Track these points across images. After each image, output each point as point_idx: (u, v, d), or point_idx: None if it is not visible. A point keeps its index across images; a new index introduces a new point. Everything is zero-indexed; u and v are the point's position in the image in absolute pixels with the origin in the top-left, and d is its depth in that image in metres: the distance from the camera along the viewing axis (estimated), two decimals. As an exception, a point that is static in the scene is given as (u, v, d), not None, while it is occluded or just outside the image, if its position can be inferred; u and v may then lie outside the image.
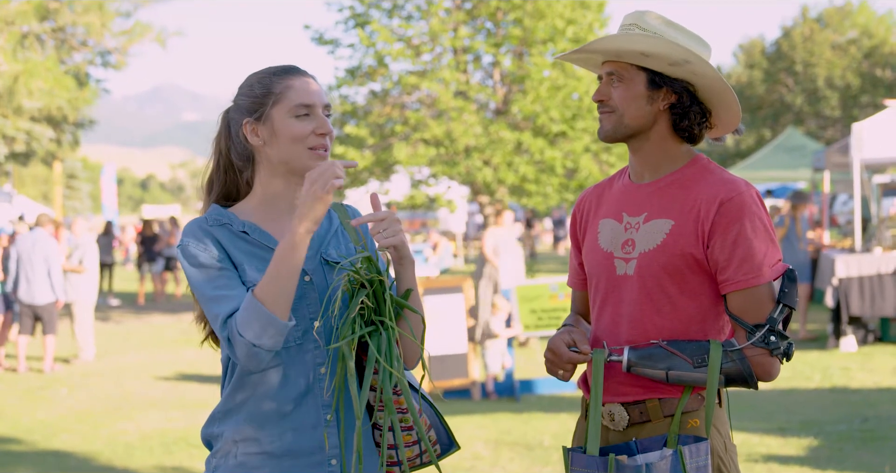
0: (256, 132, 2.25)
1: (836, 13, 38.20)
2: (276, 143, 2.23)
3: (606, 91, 2.45)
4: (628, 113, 2.42)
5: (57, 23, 23.83)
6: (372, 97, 17.43)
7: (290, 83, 2.25)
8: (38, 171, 45.50)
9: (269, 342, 2.09)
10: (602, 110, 2.46)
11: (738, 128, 2.53)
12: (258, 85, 2.26)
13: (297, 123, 2.23)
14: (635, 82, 2.42)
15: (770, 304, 2.33)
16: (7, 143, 22.91)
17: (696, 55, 2.35)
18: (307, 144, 2.23)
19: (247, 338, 2.07)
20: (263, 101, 2.24)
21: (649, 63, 2.39)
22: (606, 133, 2.47)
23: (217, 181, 2.35)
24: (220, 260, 2.19)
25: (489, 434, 7.36)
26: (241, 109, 2.28)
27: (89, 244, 12.42)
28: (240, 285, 2.18)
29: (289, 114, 2.22)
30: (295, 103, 2.22)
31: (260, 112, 2.24)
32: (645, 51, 2.36)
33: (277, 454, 2.18)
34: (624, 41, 2.37)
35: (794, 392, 8.60)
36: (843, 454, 6.37)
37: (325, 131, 2.24)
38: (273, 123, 2.23)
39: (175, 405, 9.07)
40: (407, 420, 2.23)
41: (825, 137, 36.17)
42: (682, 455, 2.24)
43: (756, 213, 2.34)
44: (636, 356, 2.34)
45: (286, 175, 2.27)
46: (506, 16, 16.72)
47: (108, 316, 17.88)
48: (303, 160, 2.23)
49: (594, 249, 2.53)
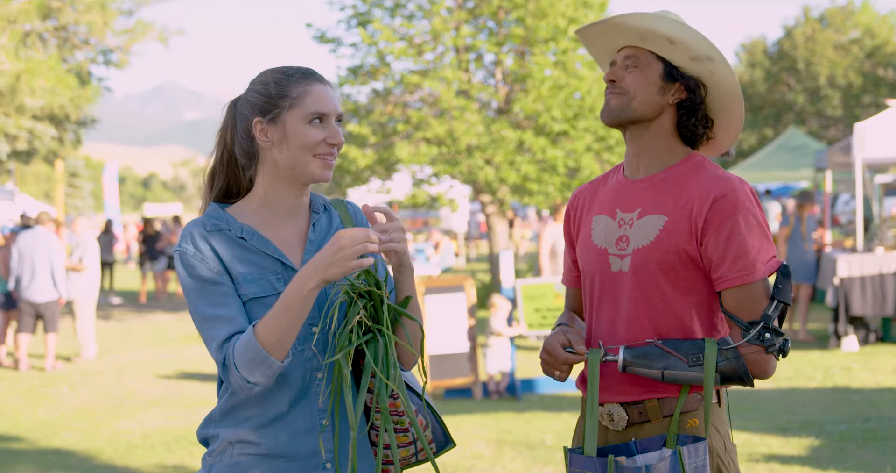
0: (266, 133, 2.22)
1: (839, 13, 38.17)
2: (286, 147, 2.21)
3: (620, 73, 2.43)
4: (638, 98, 2.40)
5: (59, 21, 23.83)
6: (374, 96, 17.42)
7: (309, 89, 2.22)
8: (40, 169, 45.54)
9: (262, 380, 2.11)
10: (612, 90, 2.43)
11: (728, 150, 2.53)
12: (274, 85, 2.22)
13: (311, 130, 2.20)
14: (652, 71, 2.40)
15: (765, 300, 2.32)
16: (9, 141, 22.91)
17: (720, 54, 2.34)
18: (315, 152, 2.21)
19: (242, 374, 2.10)
20: (279, 103, 2.21)
21: (671, 53, 2.37)
22: (612, 112, 2.43)
23: (219, 175, 2.32)
24: (217, 273, 2.17)
25: (490, 434, 7.36)
26: (252, 106, 2.24)
27: (90, 243, 12.43)
28: (234, 302, 2.17)
29: (303, 120, 2.20)
30: (311, 110, 2.20)
31: (274, 114, 2.21)
32: (673, 37, 2.34)
33: (273, 455, 2.19)
34: (655, 21, 2.34)
35: (795, 392, 8.60)
36: (845, 454, 6.37)
37: (337, 142, 2.23)
38: (286, 127, 2.20)
39: (176, 403, 9.08)
40: (403, 422, 2.24)
41: (827, 137, 36.15)
42: (681, 456, 2.24)
43: (750, 209, 2.33)
44: (631, 356, 2.34)
45: (289, 180, 2.24)
46: (508, 15, 16.71)
47: (110, 314, 17.90)
48: (309, 168, 2.21)
49: (588, 246, 2.51)
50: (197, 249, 2.18)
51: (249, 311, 2.18)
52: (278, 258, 2.22)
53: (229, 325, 2.14)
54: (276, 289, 2.19)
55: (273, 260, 2.22)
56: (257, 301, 2.18)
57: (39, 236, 11.38)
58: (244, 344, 2.09)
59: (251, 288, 2.18)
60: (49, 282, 11.24)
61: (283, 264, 2.22)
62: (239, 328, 2.14)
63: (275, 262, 2.22)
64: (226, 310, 2.15)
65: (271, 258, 2.22)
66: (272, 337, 2.09)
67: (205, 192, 2.36)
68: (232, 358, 2.11)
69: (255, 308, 2.18)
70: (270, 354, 2.09)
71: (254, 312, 2.18)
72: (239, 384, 2.12)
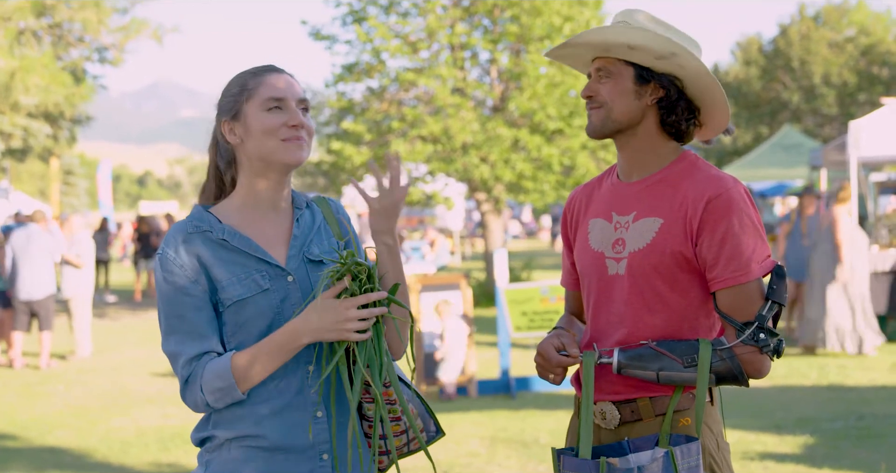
0: (234, 131, 2.27)
1: (834, 11, 38.23)
2: (251, 138, 2.24)
3: (595, 87, 2.44)
4: (616, 108, 2.41)
5: (54, 19, 23.79)
6: (369, 94, 17.41)
7: (263, 79, 2.26)
8: (35, 167, 45.47)
9: (220, 406, 2.19)
10: (591, 106, 2.45)
11: (728, 128, 2.52)
12: (234, 84, 2.29)
13: (269, 116, 2.23)
14: (623, 77, 2.41)
15: (759, 301, 2.32)
16: (4, 139, 22.87)
17: (682, 47, 2.34)
18: (279, 137, 2.23)
19: (206, 397, 2.16)
20: (238, 98, 2.26)
21: (636, 57, 2.38)
22: (594, 128, 2.45)
23: (209, 187, 2.36)
24: (195, 282, 2.19)
25: (485, 432, 7.36)
26: (220, 110, 2.30)
27: (85, 241, 12.40)
28: (205, 317, 2.19)
29: (260, 108, 2.23)
30: (265, 97, 2.23)
31: (235, 110, 2.26)
32: (631, 43, 2.35)
33: (270, 448, 2.20)
34: (610, 33, 2.36)
35: (790, 390, 8.61)
36: (839, 451, 6.38)
37: (297, 123, 2.24)
38: (246, 119, 2.24)
39: (172, 401, 9.07)
40: (395, 410, 2.26)
41: (822, 135, 36.20)
42: (673, 457, 2.24)
43: (744, 209, 2.33)
44: (626, 358, 2.34)
45: (266, 173, 2.27)
46: (503, 13, 16.70)
47: (105, 312, 17.87)
48: (277, 153, 2.23)
49: (585, 249, 2.52)
50: (177, 254, 2.21)
51: (235, 313, 2.20)
52: (261, 257, 2.23)
53: (199, 342, 2.18)
54: (261, 287, 2.21)
55: (256, 259, 2.23)
56: (243, 302, 2.20)
57: (32, 234, 11.36)
58: (217, 373, 2.15)
59: (235, 290, 2.20)
60: (43, 280, 11.22)
61: (267, 262, 2.23)
62: (209, 347, 2.18)
63: (258, 260, 2.23)
64: (196, 325, 2.18)
65: (252, 257, 2.23)
66: (247, 375, 2.15)
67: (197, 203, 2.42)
68: (199, 379, 2.16)
69: (241, 309, 2.20)
70: (239, 387, 2.16)
71: (239, 313, 2.20)
72: (195, 404, 2.19)
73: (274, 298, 2.21)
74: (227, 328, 2.21)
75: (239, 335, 2.21)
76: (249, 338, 2.19)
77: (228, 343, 2.21)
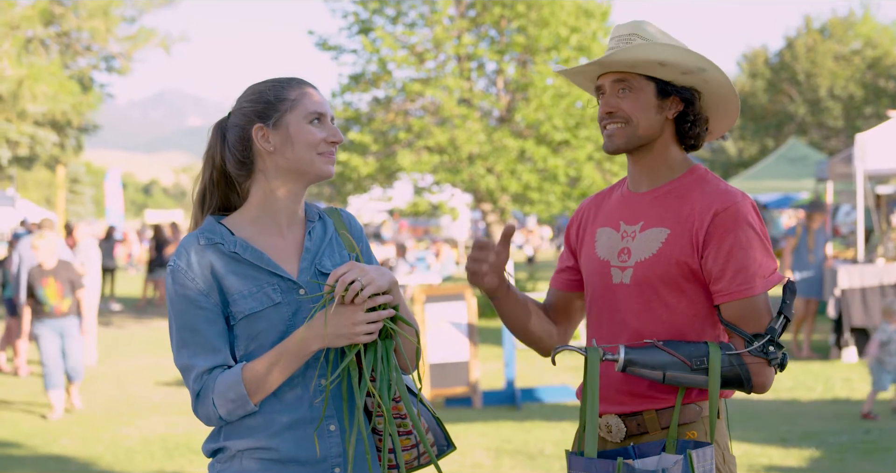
0: (268, 138, 2.24)
1: (840, 24, 38.21)
2: (290, 148, 2.24)
3: (615, 102, 2.42)
4: (642, 123, 2.40)
5: (62, 28, 23.87)
6: (375, 104, 17.45)
7: (305, 91, 2.27)
8: (42, 175, 45.53)
9: (233, 418, 2.18)
10: (612, 121, 2.42)
11: (723, 134, 2.55)
12: (270, 92, 2.26)
13: (312, 129, 2.24)
14: (645, 92, 2.40)
15: (765, 314, 2.33)
16: (11, 147, 22.93)
17: (711, 62, 2.35)
18: (319, 150, 2.25)
19: (218, 410, 2.16)
20: (279, 106, 2.24)
21: (662, 72, 2.38)
22: (617, 145, 2.43)
23: (211, 195, 2.33)
24: (207, 295, 2.19)
25: (490, 443, 7.35)
26: (249, 114, 2.26)
27: (91, 249, 12.42)
28: (217, 330, 2.19)
29: (304, 119, 2.24)
30: (310, 110, 2.25)
31: (275, 118, 2.24)
32: (663, 60, 2.34)
33: (282, 460, 2.20)
34: (641, 52, 2.34)
35: (795, 403, 8.59)
36: (845, 465, 6.36)
37: (338, 140, 2.28)
38: (289, 129, 2.23)
39: (177, 410, 9.07)
40: (406, 424, 2.26)
41: (828, 148, 36.15)
42: (691, 460, 2.22)
43: (751, 223, 2.34)
44: (631, 356, 2.32)
45: (290, 184, 2.26)
46: (510, 23, 16.75)
47: (110, 321, 17.88)
48: (315, 165, 2.25)
49: (591, 257, 2.53)
50: (189, 266, 2.20)
51: (246, 326, 2.20)
52: (273, 271, 2.22)
53: (212, 356, 2.18)
54: (273, 300, 2.20)
55: (268, 272, 2.22)
56: (254, 315, 2.19)
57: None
58: (229, 385, 2.14)
59: (247, 304, 2.19)
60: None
61: (280, 276, 2.23)
62: (221, 361, 2.18)
63: (270, 274, 2.22)
64: (208, 338, 2.18)
65: (265, 271, 2.22)
66: (259, 386, 2.15)
67: (195, 212, 2.37)
68: (211, 392, 2.16)
69: (252, 323, 2.19)
70: (252, 399, 2.15)
71: (251, 327, 2.19)
72: (208, 417, 2.18)
73: (286, 311, 2.20)
74: (239, 341, 2.21)
75: (250, 348, 2.20)
76: (260, 351, 2.19)
77: (239, 357, 2.21)
